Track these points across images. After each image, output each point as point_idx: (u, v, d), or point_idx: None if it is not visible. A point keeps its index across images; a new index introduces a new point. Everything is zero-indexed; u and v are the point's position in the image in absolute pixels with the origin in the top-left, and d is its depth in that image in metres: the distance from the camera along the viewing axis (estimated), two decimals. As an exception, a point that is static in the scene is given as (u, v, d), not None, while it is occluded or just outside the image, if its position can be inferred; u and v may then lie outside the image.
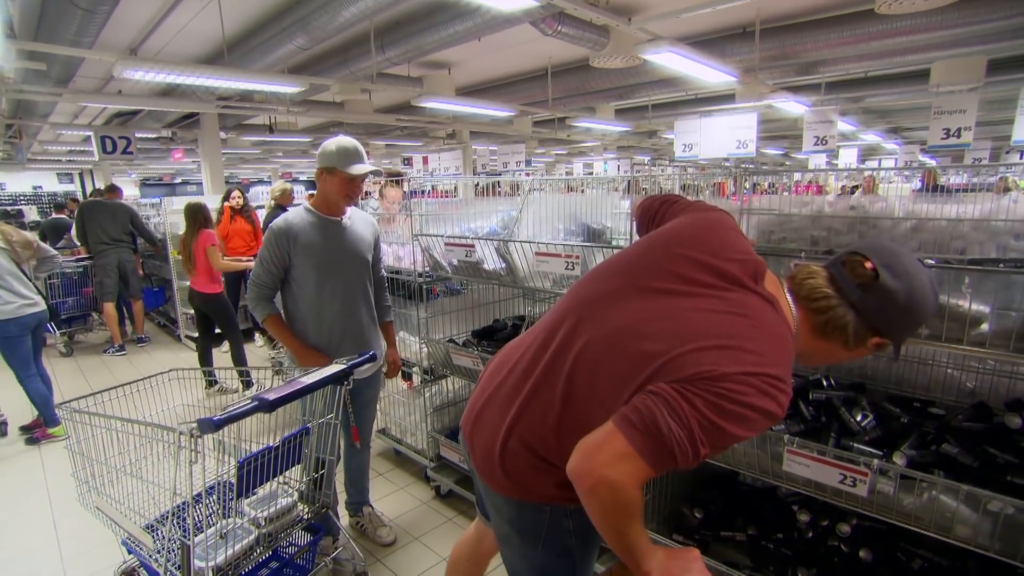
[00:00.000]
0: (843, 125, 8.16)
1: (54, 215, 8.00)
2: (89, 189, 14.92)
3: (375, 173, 2.22)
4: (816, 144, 6.70)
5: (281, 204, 5.12)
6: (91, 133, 7.87)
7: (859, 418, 1.74)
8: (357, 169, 2.14)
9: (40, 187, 17.53)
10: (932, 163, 9.11)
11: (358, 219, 2.36)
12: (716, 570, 1.81)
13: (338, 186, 2.16)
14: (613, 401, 0.99)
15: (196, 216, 4.41)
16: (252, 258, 5.19)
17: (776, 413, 0.94)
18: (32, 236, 3.99)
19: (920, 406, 1.83)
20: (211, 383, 4.55)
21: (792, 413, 1.85)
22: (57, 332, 5.85)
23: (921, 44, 4.91)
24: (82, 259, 6.06)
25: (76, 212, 6.03)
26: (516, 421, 1.13)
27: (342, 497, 2.68)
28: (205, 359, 4.51)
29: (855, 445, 1.60)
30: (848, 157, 10.23)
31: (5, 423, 3.97)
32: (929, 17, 4.20)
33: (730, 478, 2.38)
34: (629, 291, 1.09)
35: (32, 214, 14.00)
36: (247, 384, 4.29)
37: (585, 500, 0.94)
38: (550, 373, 1.11)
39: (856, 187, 7.73)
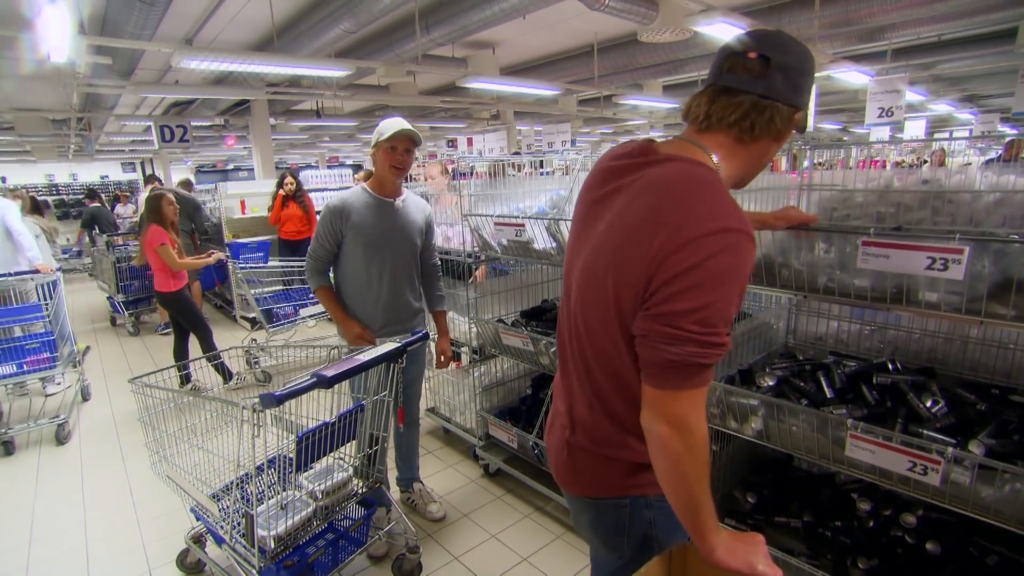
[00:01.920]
0: (910, 95, 7.62)
1: (89, 204, 8.56)
2: (148, 174, 15.70)
3: (413, 140, 2.25)
4: (880, 116, 6.28)
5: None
6: (151, 123, 8.25)
7: (928, 404, 1.65)
8: (388, 132, 2.22)
9: (107, 176, 18.53)
10: (1013, 132, 8.42)
11: (412, 203, 2.45)
12: (772, 556, 1.76)
13: (382, 158, 2.27)
14: (618, 346, 1.01)
15: (147, 210, 3.94)
16: (217, 251, 4.57)
17: (745, 243, 0.90)
18: (55, 227, 5.13)
19: (999, 393, 1.72)
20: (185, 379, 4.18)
21: (853, 397, 1.77)
22: (125, 312, 6.21)
23: (1007, -1, 4.52)
24: None
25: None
26: (570, 416, 1.17)
27: (393, 473, 2.75)
28: (180, 354, 4.19)
29: (924, 432, 1.52)
30: (915, 130, 9.57)
31: (88, 386, 4.36)
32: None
33: (784, 463, 2.31)
34: (576, 245, 1.14)
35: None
36: (227, 376, 4.19)
37: (660, 454, 0.95)
38: (574, 357, 1.14)
39: (925, 162, 7.20)
